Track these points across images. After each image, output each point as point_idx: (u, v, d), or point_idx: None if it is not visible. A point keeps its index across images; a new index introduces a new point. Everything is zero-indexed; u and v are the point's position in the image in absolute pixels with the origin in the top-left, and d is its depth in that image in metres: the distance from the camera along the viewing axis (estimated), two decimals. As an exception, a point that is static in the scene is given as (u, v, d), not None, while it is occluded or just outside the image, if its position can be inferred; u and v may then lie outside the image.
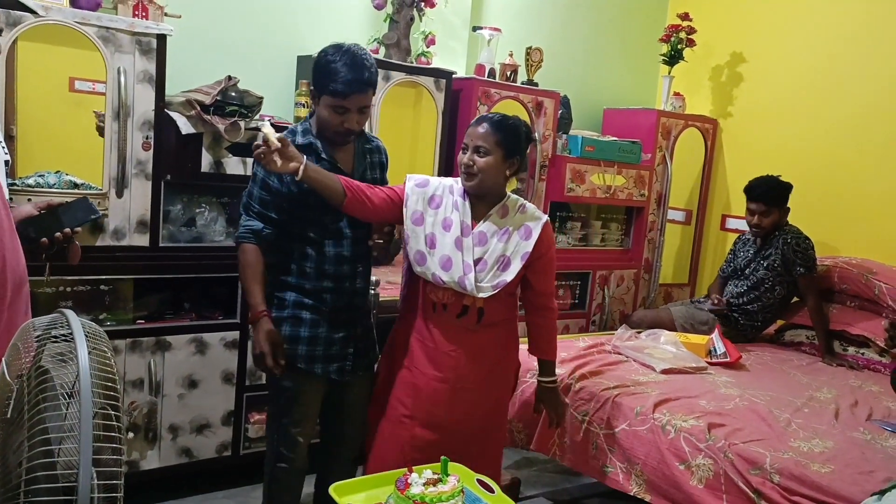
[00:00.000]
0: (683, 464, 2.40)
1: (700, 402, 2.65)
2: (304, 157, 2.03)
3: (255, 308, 2.12)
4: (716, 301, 3.67)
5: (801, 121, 4.19)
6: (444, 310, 2.22)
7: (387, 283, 3.41)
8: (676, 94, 4.48)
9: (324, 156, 2.19)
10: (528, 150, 2.24)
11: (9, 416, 1.08)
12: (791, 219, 3.67)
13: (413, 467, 1.98)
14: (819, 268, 3.63)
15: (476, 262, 2.17)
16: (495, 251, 2.19)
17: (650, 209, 4.31)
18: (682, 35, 4.34)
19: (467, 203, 2.21)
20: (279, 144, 1.96)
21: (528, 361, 2.89)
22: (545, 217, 2.28)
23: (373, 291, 3.28)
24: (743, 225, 4.26)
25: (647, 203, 4.28)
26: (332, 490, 1.91)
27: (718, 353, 3.24)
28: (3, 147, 1.92)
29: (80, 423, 0.97)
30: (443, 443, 2.20)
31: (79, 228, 1.78)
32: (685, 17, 4.34)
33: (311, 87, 2.17)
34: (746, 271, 3.70)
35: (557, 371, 2.90)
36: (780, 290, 3.64)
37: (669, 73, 4.44)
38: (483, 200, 2.22)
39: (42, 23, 2.41)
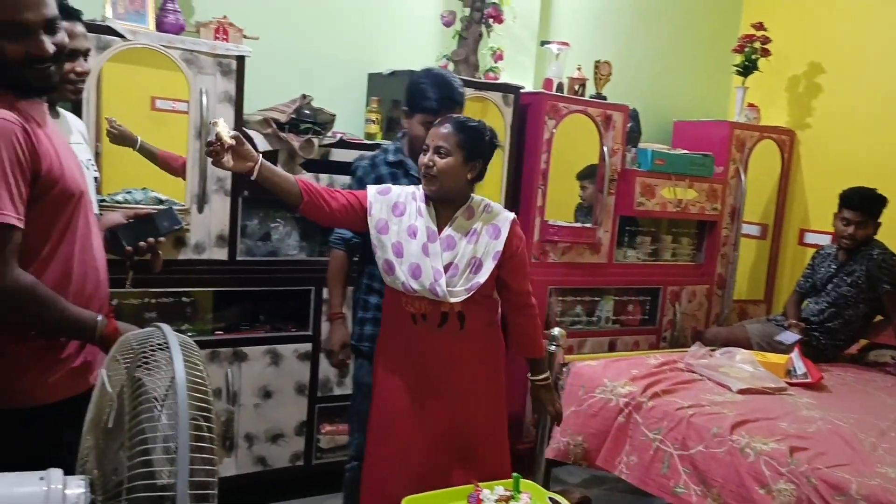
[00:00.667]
0: (764, 488, 2.33)
1: (780, 424, 2.56)
2: (260, 156, 1.97)
3: (332, 309, 2.40)
4: (796, 327, 3.53)
5: (883, 131, 4.03)
6: (423, 320, 2.15)
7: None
8: (751, 105, 4.38)
9: (412, 173, 2.26)
10: (491, 156, 2.19)
11: (110, 425, 1.13)
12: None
13: (481, 483, 1.98)
14: (905, 285, 3.47)
15: (447, 267, 2.10)
16: (465, 254, 2.12)
17: (723, 223, 4.21)
18: (757, 45, 4.24)
19: (431, 208, 2.15)
20: (232, 142, 1.87)
21: (596, 376, 2.85)
22: (512, 215, 2.21)
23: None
24: (822, 239, 4.13)
25: (720, 217, 4.18)
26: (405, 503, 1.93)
27: (798, 373, 3.13)
28: (94, 165, 2.02)
29: (177, 432, 1.01)
30: (441, 457, 2.18)
31: (163, 238, 1.85)
32: (760, 26, 4.24)
33: (405, 108, 2.28)
34: (828, 287, 3.57)
35: (628, 388, 2.87)
36: (863, 308, 3.50)
37: (743, 83, 4.34)
38: (447, 204, 2.15)
39: (130, 46, 2.53)
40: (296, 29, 3.25)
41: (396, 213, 2.14)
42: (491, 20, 3.43)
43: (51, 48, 1.46)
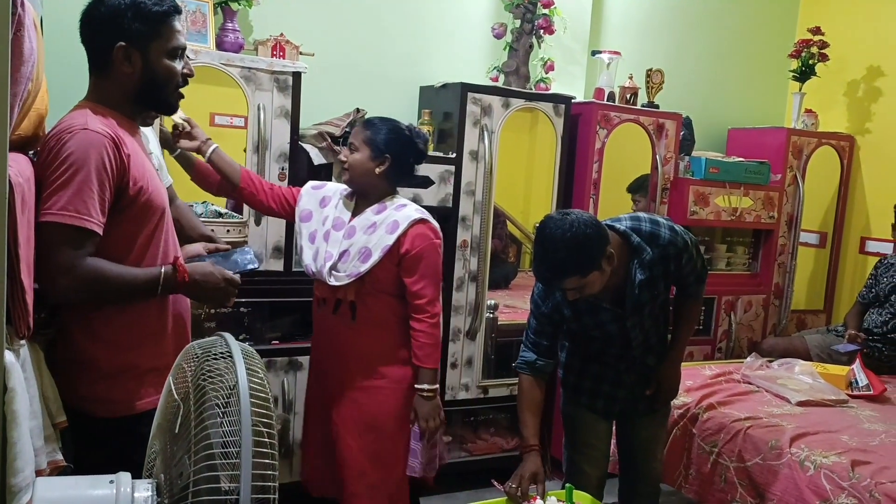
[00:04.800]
0: (824, 502, 2.27)
1: (842, 437, 2.50)
2: (215, 143, 2.22)
3: (525, 440, 2.18)
4: (855, 338, 3.43)
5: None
6: (324, 304, 2.32)
7: (504, 307, 3.44)
8: (808, 111, 4.28)
9: None
10: (409, 156, 2.29)
11: (176, 431, 1.18)
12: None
13: (536, 496, 1.99)
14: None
15: (343, 253, 2.23)
16: (359, 243, 2.23)
17: (780, 232, 4.12)
18: (814, 50, 4.15)
19: (351, 202, 2.31)
20: (189, 127, 2.17)
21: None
22: (420, 216, 2.24)
23: (491, 315, 3.33)
24: (885, 248, 4.00)
25: (777, 225, 4.10)
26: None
27: (860, 385, 3.04)
28: (167, 172, 2.13)
29: (241, 438, 1.05)
30: (331, 437, 2.33)
31: (237, 274, 1.84)
32: (817, 30, 4.15)
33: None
34: (891, 297, 3.46)
35: (683, 399, 2.83)
36: (929, 319, 3.39)
37: (800, 89, 4.25)
38: (364, 199, 2.29)
39: (192, 65, 2.61)
40: (349, 44, 3.32)
41: (322, 204, 2.34)
42: (542, 31, 3.44)
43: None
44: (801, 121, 4.25)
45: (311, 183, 2.41)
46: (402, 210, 2.26)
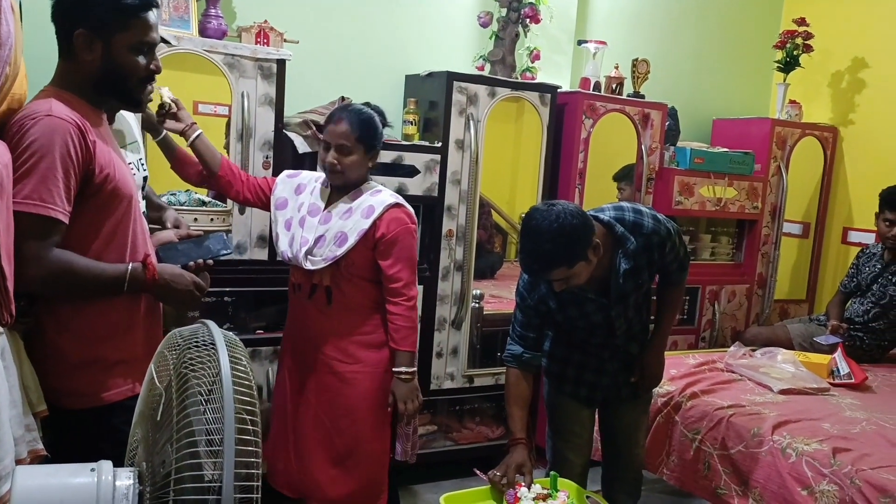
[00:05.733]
0: (806, 489, 2.30)
1: (823, 424, 2.53)
2: (200, 129, 2.26)
3: (512, 434, 2.17)
4: (837, 329, 3.46)
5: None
6: (299, 289, 2.33)
7: (490, 297, 3.45)
8: (792, 101, 4.30)
9: None
10: (381, 135, 2.32)
11: (158, 419, 1.17)
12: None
13: (522, 483, 1.99)
14: (954, 284, 3.39)
15: (318, 239, 2.24)
16: (335, 227, 2.25)
17: (764, 222, 4.14)
18: (799, 41, 4.17)
19: (327, 189, 2.32)
20: (176, 108, 2.21)
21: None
22: (394, 200, 2.27)
23: (476, 305, 3.33)
24: (866, 238, 4.04)
25: (761, 216, 4.12)
26: (442, 501, 1.95)
27: (842, 373, 3.07)
28: (144, 165, 2.08)
29: (224, 426, 1.04)
30: (304, 427, 2.33)
31: (211, 260, 1.87)
32: (801, 21, 4.16)
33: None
34: (873, 287, 3.50)
35: (667, 388, 2.85)
36: (910, 308, 3.43)
37: (784, 80, 4.27)
38: (346, 188, 2.30)
39: (175, 52, 2.59)
40: (335, 32, 3.29)
41: (297, 192, 2.35)
42: (528, 20, 3.42)
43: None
44: (786, 111, 4.27)
45: (286, 172, 2.42)
46: (378, 195, 2.28)
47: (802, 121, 4.29)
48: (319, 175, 2.37)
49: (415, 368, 2.31)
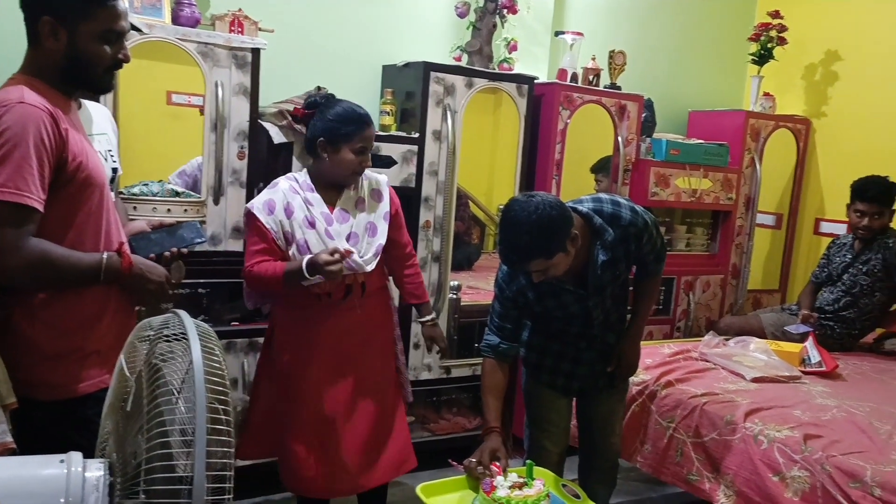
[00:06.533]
0: (777, 475, 2.33)
1: (794, 412, 2.57)
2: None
3: (486, 423, 2.17)
4: (808, 318, 3.51)
5: (901, 119, 4.00)
6: (328, 298, 2.28)
7: (468, 288, 3.45)
8: (766, 94, 4.34)
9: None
10: None
11: (128, 409, 1.16)
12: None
13: (500, 466, 2.01)
14: (922, 273, 3.45)
15: (349, 237, 2.26)
16: (360, 221, 2.29)
17: (738, 213, 4.19)
18: (773, 33, 4.20)
19: (316, 193, 2.26)
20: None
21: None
22: (385, 177, 2.41)
23: (454, 296, 3.34)
24: (838, 228, 4.10)
25: (735, 207, 4.17)
26: (419, 490, 1.95)
27: (813, 361, 3.12)
28: (113, 156, 2.04)
29: (196, 416, 1.03)
30: (340, 423, 2.31)
31: (185, 249, 1.85)
32: (776, 14, 4.20)
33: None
34: (843, 276, 3.55)
35: (642, 377, 2.88)
36: (879, 297, 3.48)
37: (759, 72, 4.31)
38: (333, 186, 2.29)
39: (146, 40, 2.55)
40: (310, 21, 3.27)
41: (289, 216, 2.22)
42: (505, 11, 3.42)
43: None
44: (760, 104, 4.31)
45: (256, 209, 2.21)
46: (370, 178, 2.37)
47: (776, 113, 4.34)
48: (287, 185, 2.26)
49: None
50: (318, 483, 2.32)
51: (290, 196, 2.24)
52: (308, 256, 2.14)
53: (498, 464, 2.02)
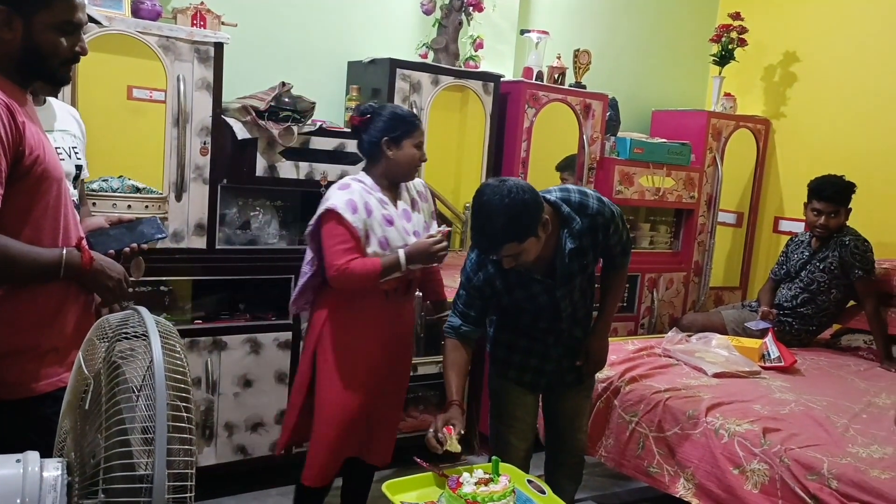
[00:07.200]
0: (738, 468, 2.37)
1: (754, 406, 2.61)
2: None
3: (448, 396, 2.20)
4: (767, 315, 3.59)
5: (857, 120, 4.09)
6: (394, 293, 2.39)
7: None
8: (727, 94, 4.42)
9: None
10: None
11: (87, 407, 1.13)
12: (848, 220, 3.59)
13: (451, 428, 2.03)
14: (877, 271, 3.53)
15: (415, 233, 2.38)
16: (419, 220, 2.42)
17: (700, 211, 4.25)
18: (734, 35, 4.28)
19: (379, 191, 2.35)
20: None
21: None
22: (420, 179, 2.55)
23: (420, 293, 3.33)
24: (796, 227, 4.19)
25: (697, 205, 4.23)
26: (385, 488, 1.94)
27: (772, 357, 3.19)
28: (77, 153, 1.98)
29: (156, 415, 1.01)
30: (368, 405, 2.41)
31: (145, 245, 1.82)
32: (736, 16, 4.28)
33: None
34: (801, 273, 3.63)
35: (607, 373, 2.91)
36: (836, 294, 3.57)
37: (720, 73, 4.38)
38: (390, 187, 2.38)
39: (105, 33, 2.50)
40: (275, 16, 3.23)
41: (369, 215, 2.30)
42: (471, 8, 3.42)
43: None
44: (721, 104, 4.39)
45: (340, 209, 2.24)
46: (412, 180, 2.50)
47: (737, 113, 4.42)
48: (359, 187, 2.31)
49: None
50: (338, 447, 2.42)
51: (366, 196, 2.30)
52: (404, 248, 2.28)
53: (451, 427, 2.04)
